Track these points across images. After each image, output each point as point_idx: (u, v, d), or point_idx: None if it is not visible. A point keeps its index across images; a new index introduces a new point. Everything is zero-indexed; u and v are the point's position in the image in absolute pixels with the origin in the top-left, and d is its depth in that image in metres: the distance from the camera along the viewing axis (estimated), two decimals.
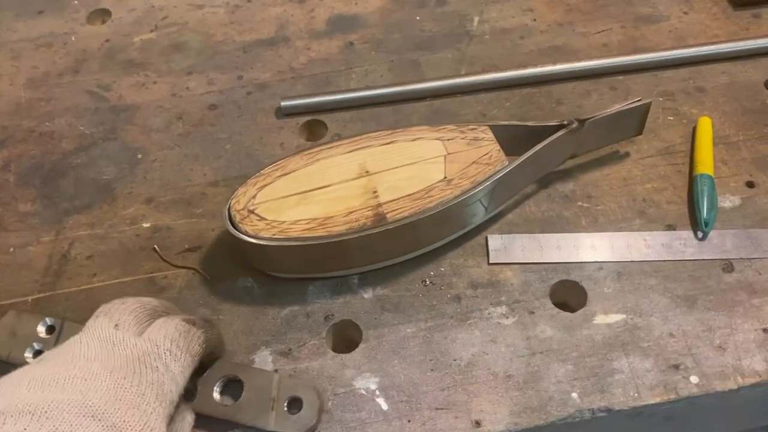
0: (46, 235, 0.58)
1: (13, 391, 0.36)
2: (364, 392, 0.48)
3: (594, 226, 0.56)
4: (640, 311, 0.51)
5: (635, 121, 0.57)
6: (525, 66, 0.65)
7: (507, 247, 0.54)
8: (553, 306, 0.51)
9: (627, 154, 0.60)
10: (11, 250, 0.57)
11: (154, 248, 0.57)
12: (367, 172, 0.52)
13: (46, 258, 0.57)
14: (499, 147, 0.53)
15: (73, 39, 0.74)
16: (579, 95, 0.64)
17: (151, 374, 0.39)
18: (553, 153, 0.55)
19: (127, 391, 0.37)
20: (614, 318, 0.51)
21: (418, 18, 0.72)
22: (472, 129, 0.54)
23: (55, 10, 0.77)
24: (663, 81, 0.64)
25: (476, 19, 0.71)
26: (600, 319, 0.51)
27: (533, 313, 0.51)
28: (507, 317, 0.51)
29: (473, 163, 0.52)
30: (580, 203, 0.57)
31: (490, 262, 0.54)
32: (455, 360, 0.49)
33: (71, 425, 0.33)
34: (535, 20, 0.71)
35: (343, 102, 0.65)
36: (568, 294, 0.53)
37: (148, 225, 0.58)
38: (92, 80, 0.69)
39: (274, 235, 0.50)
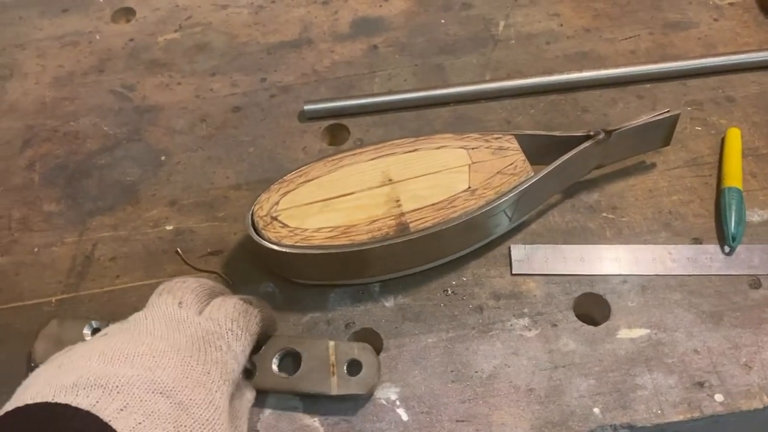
0: (69, 236, 0.58)
1: (83, 365, 0.36)
2: (384, 402, 0.48)
3: (618, 237, 0.55)
4: (665, 326, 0.50)
5: (663, 132, 0.56)
6: (550, 72, 0.64)
7: (530, 257, 0.54)
8: (576, 319, 0.51)
9: (653, 165, 0.59)
10: (35, 250, 0.58)
11: (177, 251, 0.57)
12: (391, 180, 0.52)
13: (69, 259, 0.57)
14: (524, 157, 0.52)
15: (97, 38, 0.74)
16: (605, 103, 0.63)
17: (215, 353, 0.40)
18: (579, 164, 0.54)
19: (194, 370, 0.38)
20: (638, 333, 0.50)
21: (442, 21, 0.71)
22: (497, 138, 0.54)
23: (80, 8, 0.77)
24: (691, 90, 0.63)
25: (502, 23, 0.70)
26: (623, 333, 0.50)
27: (556, 325, 0.51)
28: (529, 329, 0.51)
29: (498, 173, 0.51)
30: (604, 214, 0.56)
31: (513, 272, 0.53)
32: (477, 372, 0.49)
33: (141, 400, 0.34)
34: (561, 25, 0.70)
35: (366, 106, 0.64)
36: (592, 307, 0.52)
37: (171, 227, 0.58)
38: (116, 80, 0.70)
39: (296, 242, 0.50)
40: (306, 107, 0.64)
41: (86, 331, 0.50)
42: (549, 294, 0.52)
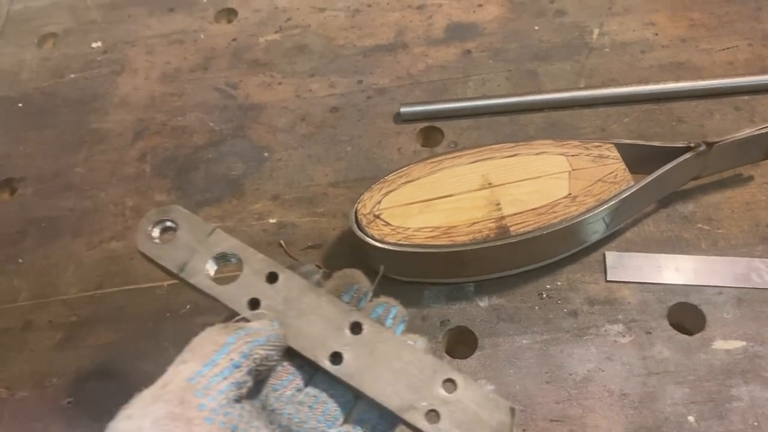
0: None
1: None
2: None
3: (714, 249, 0.55)
4: (762, 339, 0.50)
5: (764, 146, 0.56)
6: (646, 81, 0.65)
7: (625, 265, 0.55)
8: (670, 327, 0.52)
9: (750, 178, 0.59)
10: None
11: (280, 243, 0.60)
12: (490, 183, 0.54)
13: None
14: (624, 166, 0.53)
15: (202, 36, 0.78)
16: (701, 114, 0.63)
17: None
18: (678, 175, 0.55)
19: None
20: (734, 344, 0.50)
21: (536, 28, 0.72)
22: (597, 146, 0.55)
23: (185, 7, 0.81)
24: None
25: (596, 31, 0.71)
26: (719, 344, 0.51)
27: (650, 333, 0.52)
28: (623, 336, 0.52)
29: (598, 180, 0.53)
30: (700, 225, 0.57)
31: (608, 279, 0.54)
32: (571, 374, 0.50)
33: None
34: (656, 35, 0.70)
35: (460, 110, 0.66)
36: (686, 317, 0.53)
37: (274, 221, 0.61)
38: (220, 78, 0.73)
39: (398, 240, 0.52)
40: (402, 109, 0.66)
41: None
42: (643, 302, 0.53)
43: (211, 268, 0.44)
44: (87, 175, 0.67)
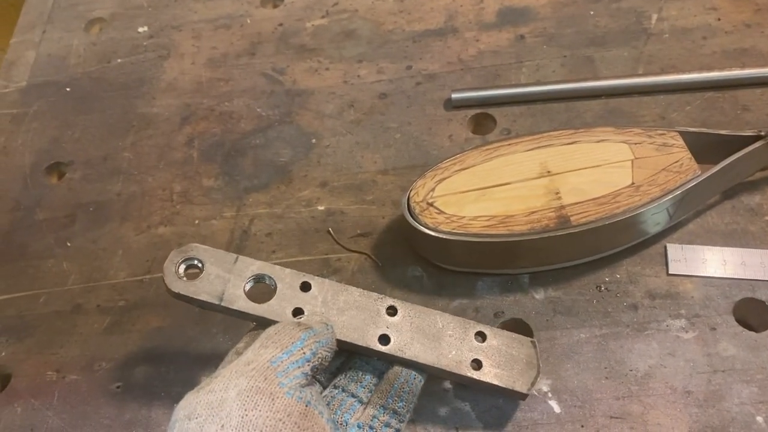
0: (228, 211, 0.62)
1: None
2: (535, 393, 0.48)
3: None
4: None
5: None
6: (708, 68, 0.62)
7: (687, 258, 0.53)
8: (736, 323, 0.50)
9: None
10: (196, 222, 0.61)
11: (329, 231, 0.59)
12: (549, 172, 0.52)
13: (228, 232, 0.60)
14: (690, 155, 0.51)
15: (248, 21, 0.77)
16: (767, 103, 0.61)
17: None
18: (745, 165, 0.53)
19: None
20: None
21: (591, 13, 0.70)
22: (661, 134, 0.53)
23: None
24: None
25: (654, 16, 0.68)
26: None
27: (715, 329, 0.49)
28: (686, 331, 0.50)
29: (663, 170, 0.50)
30: (767, 218, 0.54)
31: (670, 272, 0.52)
32: (631, 370, 0.48)
33: None
34: (719, 20, 0.67)
35: (513, 96, 0.64)
36: (752, 313, 0.51)
37: (322, 208, 0.60)
38: (267, 63, 0.72)
39: (453, 229, 0.51)
40: (453, 95, 0.64)
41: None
42: (707, 296, 0.51)
43: (248, 289, 0.47)
44: (134, 159, 0.67)
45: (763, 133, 0.52)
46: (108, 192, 0.65)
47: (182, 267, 0.47)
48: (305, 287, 0.47)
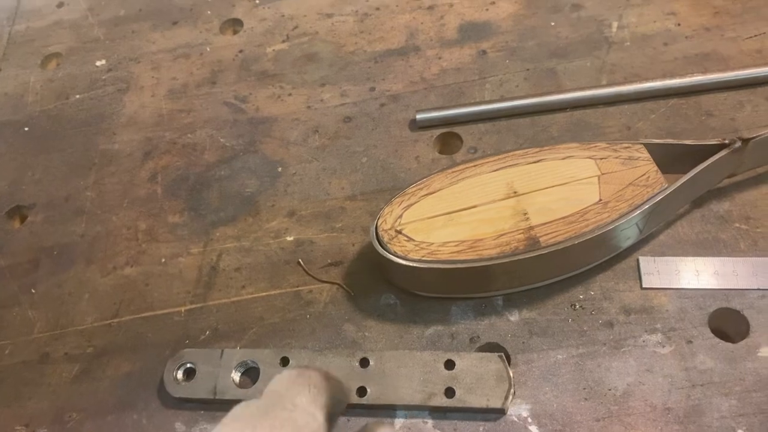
0: (195, 247, 0.60)
1: None
2: (515, 419, 0.48)
3: (754, 250, 0.53)
4: None
5: None
6: (671, 75, 0.62)
7: (660, 270, 0.52)
8: (712, 335, 0.49)
9: None
10: (163, 260, 0.60)
11: (299, 262, 0.58)
12: (516, 192, 0.52)
13: (196, 270, 0.59)
14: (656, 168, 0.51)
15: (208, 49, 0.76)
16: (731, 107, 0.60)
17: (282, 413, 0.41)
18: (713, 174, 0.52)
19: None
20: None
21: (552, 24, 0.70)
22: (626, 147, 0.52)
23: (189, 20, 0.79)
24: None
25: (615, 24, 0.68)
26: (765, 351, 0.48)
27: (691, 342, 0.49)
28: (663, 346, 0.49)
29: (630, 184, 0.50)
30: (737, 225, 0.54)
31: (643, 286, 0.52)
32: (610, 389, 0.48)
33: None
34: (678, 25, 0.67)
35: (478, 114, 0.64)
36: (728, 323, 0.50)
37: (291, 239, 0.59)
38: (229, 91, 0.71)
39: (423, 256, 0.50)
40: (418, 116, 0.64)
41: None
42: (682, 309, 0.51)
43: (236, 379, 0.52)
44: (97, 198, 0.66)
45: (727, 141, 0.51)
46: (72, 234, 0.64)
47: (179, 373, 0.52)
48: (285, 362, 0.52)
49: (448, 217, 0.51)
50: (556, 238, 0.49)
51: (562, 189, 0.51)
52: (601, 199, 0.50)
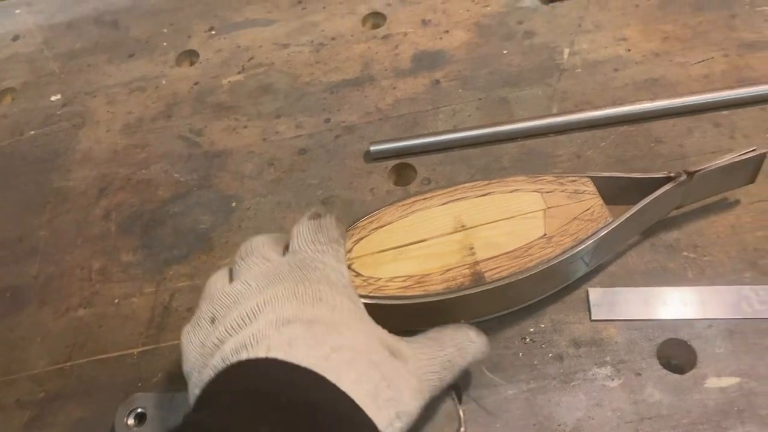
0: (148, 287, 0.60)
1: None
2: None
3: (701, 278, 0.53)
4: (757, 375, 0.48)
5: (748, 171, 0.54)
6: (621, 102, 0.63)
7: (609, 301, 0.53)
8: (660, 367, 0.49)
9: (736, 201, 0.56)
10: (116, 301, 0.60)
11: None
12: (464, 226, 0.52)
13: (149, 310, 0.59)
14: (601, 202, 0.51)
15: (163, 82, 0.75)
16: (680, 133, 0.61)
17: (314, 273, 0.44)
18: (659, 207, 0.53)
19: (306, 293, 0.42)
20: (728, 381, 0.48)
21: (505, 52, 0.70)
22: (573, 181, 0.52)
23: (145, 52, 0.79)
24: None
25: (566, 51, 0.69)
26: (712, 382, 0.48)
27: (640, 374, 0.49)
28: (612, 379, 0.49)
29: (575, 218, 0.50)
30: (685, 253, 0.54)
31: (593, 318, 0.52)
32: (560, 425, 0.48)
33: (278, 334, 0.39)
34: (629, 50, 0.68)
35: (431, 145, 0.64)
36: (676, 354, 0.51)
37: None
38: (184, 125, 0.71)
39: (370, 292, 0.50)
40: (372, 148, 0.64)
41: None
42: (631, 340, 0.51)
43: None
44: (51, 238, 0.65)
45: (672, 174, 0.52)
46: (24, 275, 0.63)
47: (130, 419, 0.52)
48: None
49: (397, 252, 0.51)
50: (500, 273, 0.49)
51: (508, 223, 0.51)
52: (545, 234, 0.50)
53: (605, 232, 0.49)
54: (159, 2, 0.84)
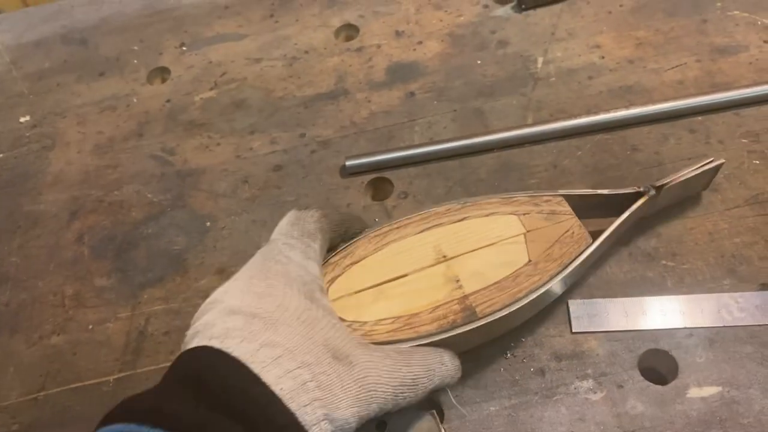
0: (122, 311, 0.59)
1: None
2: None
3: (680, 287, 0.53)
4: (737, 383, 0.48)
5: (705, 180, 0.54)
6: (596, 111, 0.63)
7: (590, 313, 0.52)
8: (642, 378, 0.49)
9: (711, 204, 0.56)
10: (90, 327, 0.58)
11: None
12: (445, 256, 0.49)
13: (124, 335, 0.57)
14: (579, 222, 0.50)
15: (135, 100, 0.74)
16: (656, 140, 0.61)
17: (274, 266, 0.45)
18: (630, 220, 0.52)
19: (256, 286, 0.43)
20: (709, 391, 0.48)
21: (479, 62, 0.70)
22: (547, 200, 0.52)
23: (116, 70, 0.78)
24: (746, 120, 0.61)
25: (540, 60, 0.69)
26: (694, 392, 0.48)
27: (622, 387, 0.49)
28: (594, 392, 0.49)
29: (556, 242, 0.49)
30: (664, 262, 0.54)
31: (573, 330, 0.52)
32: None
33: (217, 319, 0.41)
34: (603, 58, 0.68)
35: (407, 158, 0.63)
36: (658, 364, 0.50)
37: None
38: (156, 144, 0.70)
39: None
40: (348, 163, 0.63)
41: None
42: (612, 352, 0.51)
43: None
44: (22, 263, 0.63)
45: (642, 190, 0.52)
46: None
47: None
48: None
49: (378, 290, 0.48)
50: (492, 307, 0.47)
51: (490, 250, 0.49)
52: (530, 260, 0.49)
53: (588, 253, 0.49)
54: (128, 19, 0.83)
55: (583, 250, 0.49)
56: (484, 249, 0.49)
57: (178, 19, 0.81)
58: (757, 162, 0.58)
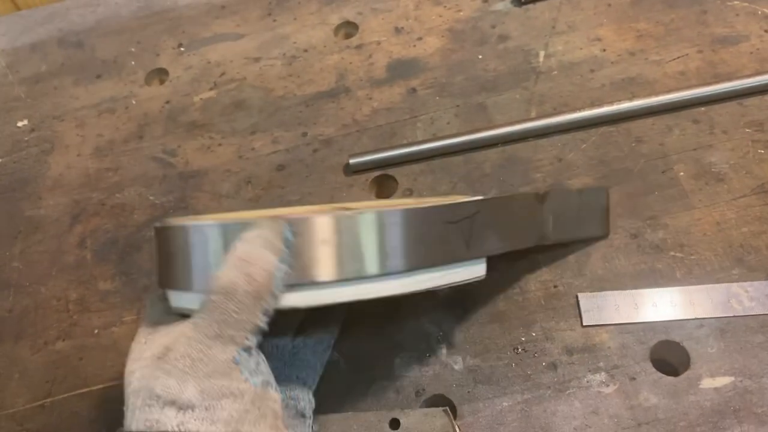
0: (128, 315, 0.58)
1: None
2: None
3: (689, 278, 0.53)
4: (750, 373, 0.48)
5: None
6: (599, 103, 0.62)
7: (600, 306, 0.52)
8: (654, 370, 0.49)
9: (717, 195, 0.56)
10: (96, 332, 0.58)
11: None
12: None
13: (130, 339, 0.56)
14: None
15: (133, 102, 0.74)
16: (660, 132, 0.61)
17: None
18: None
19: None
20: (722, 381, 0.48)
21: (480, 57, 0.69)
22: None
23: (113, 72, 0.77)
24: (750, 110, 0.61)
25: (542, 53, 0.68)
26: (706, 383, 0.48)
27: (634, 379, 0.49)
28: (607, 385, 0.49)
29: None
30: (672, 253, 0.54)
31: (584, 324, 0.52)
32: None
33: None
34: (604, 50, 0.67)
35: (411, 155, 0.63)
36: (669, 355, 0.50)
37: None
38: (157, 146, 0.69)
39: None
40: (351, 161, 0.63)
41: None
42: (623, 345, 0.50)
43: None
44: (25, 269, 0.63)
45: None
46: None
47: None
48: None
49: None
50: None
51: None
52: None
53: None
54: (124, 20, 0.82)
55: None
56: None
57: (174, 19, 0.81)
58: (762, 151, 0.58)
